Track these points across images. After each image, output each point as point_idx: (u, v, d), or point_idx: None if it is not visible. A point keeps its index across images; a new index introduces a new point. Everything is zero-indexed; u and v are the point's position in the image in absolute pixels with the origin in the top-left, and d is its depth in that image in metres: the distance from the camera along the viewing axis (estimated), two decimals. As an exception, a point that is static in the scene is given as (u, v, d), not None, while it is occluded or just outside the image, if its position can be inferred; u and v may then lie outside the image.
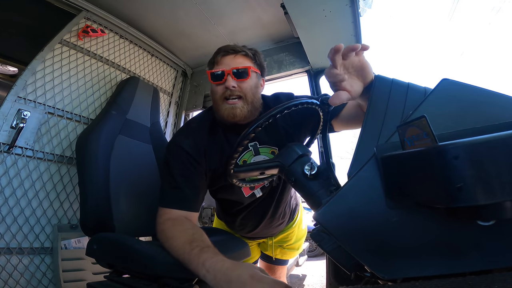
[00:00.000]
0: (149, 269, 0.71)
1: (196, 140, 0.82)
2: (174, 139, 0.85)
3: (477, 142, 0.24)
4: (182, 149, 0.80)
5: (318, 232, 0.44)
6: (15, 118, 1.12)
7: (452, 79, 0.39)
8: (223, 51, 0.85)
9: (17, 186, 1.12)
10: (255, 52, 0.89)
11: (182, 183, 0.77)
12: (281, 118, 0.84)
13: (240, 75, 0.81)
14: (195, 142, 0.82)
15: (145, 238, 1.28)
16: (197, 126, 0.87)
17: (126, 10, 1.59)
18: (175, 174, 0.78)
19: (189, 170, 0.79)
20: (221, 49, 0.86)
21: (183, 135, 0.84)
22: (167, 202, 0.76)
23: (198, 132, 0.84)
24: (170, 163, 0.80)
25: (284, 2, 1.24)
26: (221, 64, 0.83)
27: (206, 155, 0.82)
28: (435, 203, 0.27)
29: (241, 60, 0.85)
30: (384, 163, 0.35)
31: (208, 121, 0.88)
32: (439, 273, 0.30)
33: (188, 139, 0.82)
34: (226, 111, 0.80)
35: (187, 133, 0.85)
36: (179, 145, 0.81)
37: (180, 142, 0.81)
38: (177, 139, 0.83)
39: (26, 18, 1.70)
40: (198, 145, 0.82)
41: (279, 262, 1.23)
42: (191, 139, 0.82)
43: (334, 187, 0.58)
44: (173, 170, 0.79)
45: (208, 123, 0.88)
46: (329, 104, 0.66)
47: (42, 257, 1.15)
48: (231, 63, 0.83)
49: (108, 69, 1.56)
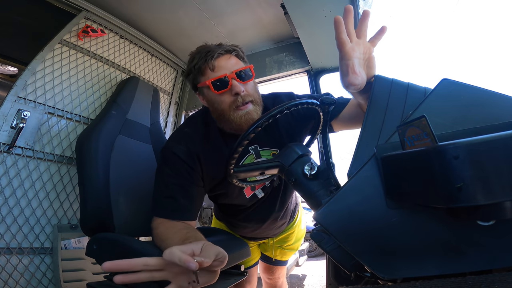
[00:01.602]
0: (149, 269, 0.71)
1: (189, 146, 0.78)
2: (167, 144, 0.81)
3: (477, 142, 0.24)
4: (175, 155, 0.76)
5: (318, 232, 0.44)
6: (15, 118, 1.12)
7: (452, 79, 0.39)
8: (213, 52, 0.74)
9: (17, 186, 1.12)
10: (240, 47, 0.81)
11: (176, 193, 0.74)
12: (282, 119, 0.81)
13: (244, 77, 0.75)
14: (188, 148, 0.78)
15: (145, 238, 1.28)
16: (190, 131, 0.83)
17: (126, 10, 1.59)
18: (169, 183, 0.75)
19: (183, 178, 0.76)
20: (208, 51, 0.75)
21: (175, 141, 0.80)
22: (160, 211, 0.74)
23: (191, 138, 0.80)
24: (163, 170, 0.77)
25: (284, 2, 1.24)
26: (218, 68, 0.74)
27: (200, 161, 0.78)
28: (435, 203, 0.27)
29: (234, 60, 0.77)
30: (384, 163, 0.35)
31: (203, 126, 0.84)
32: (439, 273, 0.30)
33: (181, 145, 0.78)
34: (241, 119, 0.73)
35: (180, 138, 0.81)
36: (172, 151, 0.77)
37: (172, 148, 0.77)
38: (170, 145, 0.79)
39: (26, 18, 1.70)
40: (191, 151, 0.78)
41: (278, 263, 1.23)
42: (184, 145, 0.78)
43: (334, 187, 0.57)
44: (167, 178, 0.75)
45: (202, 128, 0.83)
46: (329, 104, 0.66)
47: (42, 257, 1.15)
48: (229, 66, 0.74)
49: (108, 69, 1.56)
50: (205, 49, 0.76)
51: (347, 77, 0.52)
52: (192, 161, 0.77)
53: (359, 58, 0.53)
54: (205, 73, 0.75)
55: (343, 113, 0.81)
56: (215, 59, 0.74)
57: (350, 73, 0.52)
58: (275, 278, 1.28)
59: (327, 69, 1.65)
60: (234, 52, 0.78)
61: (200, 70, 0.76)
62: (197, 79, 0.78)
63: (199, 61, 0.75)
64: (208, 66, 0.74)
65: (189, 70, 0.79)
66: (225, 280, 0.91)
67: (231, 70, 0.73)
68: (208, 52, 0.75)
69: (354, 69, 0.52)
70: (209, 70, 0.74)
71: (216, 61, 0.74)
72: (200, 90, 0.80)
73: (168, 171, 0.77)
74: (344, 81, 0.53)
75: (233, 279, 0.93)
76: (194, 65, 0.76)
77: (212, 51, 0.74)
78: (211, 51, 0.75)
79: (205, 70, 0.75)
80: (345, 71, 0.52)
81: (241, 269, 0.99)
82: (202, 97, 0.82)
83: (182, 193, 0.75)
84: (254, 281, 1.18)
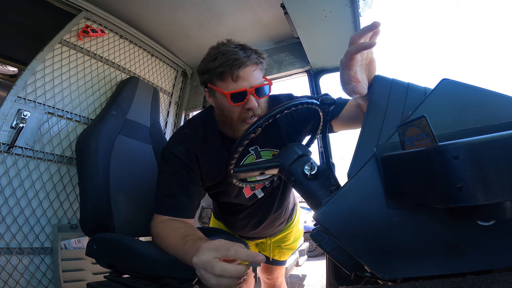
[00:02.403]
0: (149, 269, 0.71)
1: (188, 147, 0.79)
2: (167, 145, 0.83)
3: (477, 142, 0.24)
4: (175, 156, 0.78)
5: (318, 232, 0.44)
6: (15, 118, 1.12)
7: (452, 79, 0.39)
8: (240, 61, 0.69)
9: (17, 186, 1.12)
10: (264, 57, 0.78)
11: (176, 191, 0.76)
12: (282, 119, 0.82)
13: (261, 93, 0.73)
14: (187, 148, 0.79)
15: (145, 238, 1.28)
16: (189, 132, 0.84)
17: (126, 10, 1.59)
18: (170, 181, 0.77)
19: (183, 177, 0.78)
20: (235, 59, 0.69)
21: (175, 142, 0.82)
22: (161, 209, 0.76)
23: (190, 139, 0.81)
24: (164, 170, 0.79)
25: (284, 2, 1.24)
26: (241, 79, 0.70)
27: (198, 162, 0.80)
28: (435, 203, 0.27)
29: (258, 72, 0.74)
30: (384, 163, 0.35)
31: (203, 128, 0.84)
32: (439, 273, 0.30)
33: (180, 146, 0.79)
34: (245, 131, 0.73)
35: (179, 139, 0.82)
36: (172, 152, 0.79)
37: (172, 149, 0.79)
38: (170, 146, 0.81)
39: (26, 18, 1.70)
40: (189, 151, 0.79)
41: (277, 262, 1.23)
42: (183, 146, 0.79)
43: (334, 187, 0.57)
44: (167, 177, 0.78)
45: (202, 129, 0.84)
46: (329, 104, 0.66)
47: (42, 257, 1.15)
48: (251, 79, 0.71)
49: (108, 69, 1.56)
50: (231, 54, 0.71)
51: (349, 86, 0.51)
52: (190, 161, 0.79)
53: (361, 65, 0.53)
54: (226, 80, 0.71)
55: (342, 113, 0.81)
56: (241, 69, 0.70)
57: (353, 82, 0.51)
58: (274, 278, 1.28)
59: (327, 69, 1.65)
60: (260, 65, 0.75)
61: (221, 75, 0.71)
62: (213, 81, 0.74)
63: (222, 65, 0.70)
64: (231, 75, 0.70)
65: (207, 69, 0.74)
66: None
67: (251, 84, 0.71)
68: (235, 60, 0.69)
69: (357, 77, 0.51)
70: (231, 79, 0.71)
71: (241, 71, 0.70)
72: (211, 90, 0.77)
73: (169, 170, 0.79)
74: (347, 89, 0.52)
75: (233, 279, 0.92)
76: (215, 68, 0.71)
77: (240, 60, 0.70)
78: (238, 59, 0.70)
79: (227, 77, 0.71)
80: (347, 80, 0.51)
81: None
82: (210, 97, 0.80)
83: (182, 191, 0.77)
84: (251, 280, 1.18)
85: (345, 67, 0.51)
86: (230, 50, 0.72)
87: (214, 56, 0.73)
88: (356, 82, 0.51)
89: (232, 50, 0.72)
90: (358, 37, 0.48)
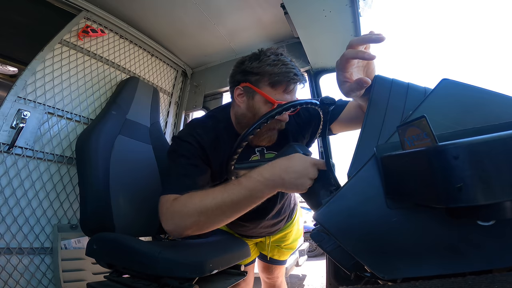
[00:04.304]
0: (149, 269, 0.71)
1: (197, 138, 0.80)
2: (180, 135, 0.82)
3: (477, 142, 0.24)
4: (189, 143, 0.78)
5: (318, 232, 0.44)
6: (15, 118, 1.12)
7: (452, 79, 0.39)
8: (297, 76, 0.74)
9: (17, 186, 1.12)
10: None
11: (191, 171, 0.74)
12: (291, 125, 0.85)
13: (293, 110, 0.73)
14: (196, 138, 0.80)
15: (145, 238, 1.28)
16: (200, 124, 0.85)
17: (126, 10, 1.59)
18: (184, 163, 0.75)
19: (198, 160, 0.77)
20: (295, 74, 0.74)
21: (187, 133, 0.82)
22: (174, 189, 0.70)
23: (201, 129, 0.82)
24: (177, 153, 0.77)
25: (284, 2, 1.24)
26: (289, 93, 0.75)
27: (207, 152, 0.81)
28: (435, 203, 0.27)
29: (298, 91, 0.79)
30: (384, 163, 0.35)
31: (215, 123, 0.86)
32: (439, 273, 0.30)
33: (193, 136, 0.80)
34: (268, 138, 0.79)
35: (191, 129, 0.83)
36: (185, 140, 0.79)
37: (186, 137, 0.79)
38: (183, 136, 0.81)
39: (26, 18, 1.70)
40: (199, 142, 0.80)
41: (276, 262, 1.23)
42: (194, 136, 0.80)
43: (334, 187, 0.57)
44: (181, 159, 0.75)
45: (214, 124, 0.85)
46: (329, 104, 0.66)
47: (42, 257, 1.14)
48: (294, 96, 0.76)
49: (108, 69, 1.56)
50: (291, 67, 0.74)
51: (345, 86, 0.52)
52: (201, 149, 0.79)
53: (357, 67, 0.53)
54: (277, 89, 0.73)
55: (342, 115, 0.82)
56: (295, 85, 0.74)
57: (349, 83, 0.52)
58: (274, 277, 1.28)
59: (327, 69, 1.65)
60: (303, 87, 0.80)
61: (276, 83, 0.73)
62: (259, 85, 0.75)
63: (282, 74, 0.72)
64: (287, 87, 0.73)
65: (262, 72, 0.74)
66: (225, 280, 0.91)
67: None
68: (295, 75, 0.73)
69: (352, 79, 0.52)
70: (283, 90, 0.73)
71: (294, 87, 0.74)
72: (250, 91, 0.77)
73: (184, 153, 0.77)
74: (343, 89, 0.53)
75: (233, 279, 0.93)
76: (272, 73, 0.72)
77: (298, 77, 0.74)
78: (297, 75, 0.74)
79: (280, 87, 0.73)
80: (342, 81, 0.52)
81: (241, 269, 0.99)
82: (244, 97, 0.79)
83: (198, 172, 0.75)
84: (251, 279, 1.18)
85: (340, 68, 0.51)
86: (289, 63, 0.75)
87: (274, 62, 0.74)
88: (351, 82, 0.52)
89: (291, 64, 0.76)
90: (358, 43, 0.49)
